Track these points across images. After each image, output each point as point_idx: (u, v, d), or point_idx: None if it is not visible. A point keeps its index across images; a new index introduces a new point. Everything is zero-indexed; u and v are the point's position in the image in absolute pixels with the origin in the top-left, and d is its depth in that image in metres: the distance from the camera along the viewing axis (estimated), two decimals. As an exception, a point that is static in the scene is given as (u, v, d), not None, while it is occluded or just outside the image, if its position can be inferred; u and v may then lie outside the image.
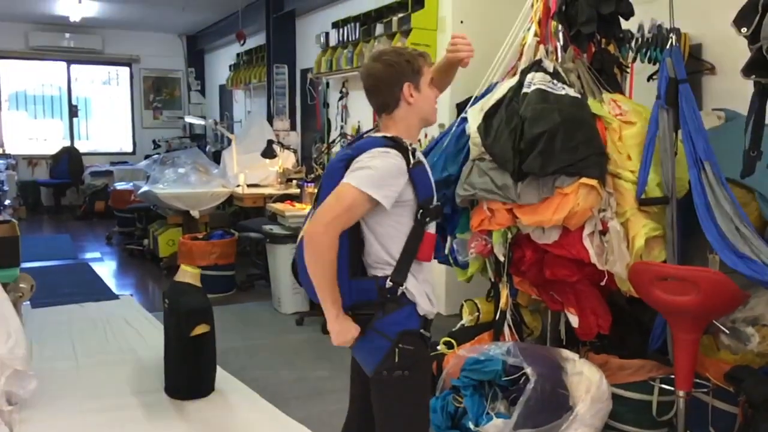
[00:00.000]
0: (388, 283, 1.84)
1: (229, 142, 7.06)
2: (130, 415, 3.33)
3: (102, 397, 3.51)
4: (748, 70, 2.20)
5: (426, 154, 3.03)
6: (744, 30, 2.17)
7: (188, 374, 3.47)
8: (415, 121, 1.96)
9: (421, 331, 1.91)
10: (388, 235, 1.86)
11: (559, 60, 2.98)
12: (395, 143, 1.85)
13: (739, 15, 2.19)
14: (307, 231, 1.77)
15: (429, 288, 1.96)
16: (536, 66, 2.87)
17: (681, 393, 2.57)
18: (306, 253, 1.77)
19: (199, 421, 3.31)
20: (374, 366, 1.88)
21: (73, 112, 11.04)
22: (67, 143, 10.85)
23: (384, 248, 1.86)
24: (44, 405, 3.34)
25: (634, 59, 3.53)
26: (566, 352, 2.89)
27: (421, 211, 1.87)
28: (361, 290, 1.85)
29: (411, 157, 1.85)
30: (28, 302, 4.51)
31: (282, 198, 5.95)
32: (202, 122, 8.43)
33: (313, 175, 6.19)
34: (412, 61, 1.92)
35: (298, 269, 1.93)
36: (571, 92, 2.77)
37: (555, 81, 2.79)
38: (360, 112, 6.26)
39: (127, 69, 11.25)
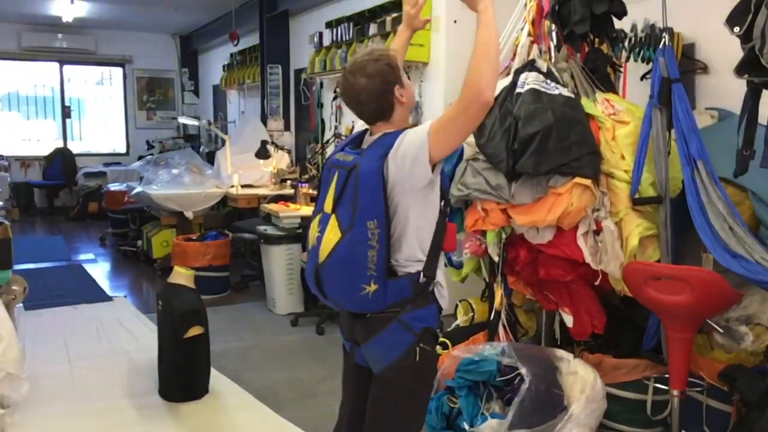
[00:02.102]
0: (422, 278, 1.87)
1: (223, 142, 7.04)
2: (124, 417, 3.31)
3: (95, 399, 3.50)
4: (740, 70, 2.20)
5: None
6: (736, 29, 2.17)
7: (182, 376, 3.46)
8: (406, 114, 1.99)
9: (437, 330, 1.94)
10: (424, 228, 1.87)
11: (553, 60, 2.98)
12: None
13: (731, 14, 2.19)
14: (486, 96, 1.75)
15: None
16: (530, 66, 2.87)
17: (675, 392, 2.58)
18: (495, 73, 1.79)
19: (193, 423, 3.30)
20: (391, 361, 1.87)
21: (66, 112, 10.99)
22: (60, 144, 10.81)
23: (419, 243, 1.87)
24: (37, 408, 3.33)
25: (628, 59, 3.54)
26: (561, 352, 2.89)
27: (443, 201, 1.91)
28: (398, 289, 1.85)
29: None
30: (21, 304, 4.48)
31: (276, 198, 5.93)
32: (195, 123, 8.40)
33: (307, 176, 6.18)
34: (390, 63, 1.92)
35: (322, 281, 1.89)
36: (565, 92, 2.77)
37: (548, 81, 2.79)
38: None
39: (120, 69, 11.21)
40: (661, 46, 2.74)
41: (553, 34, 3.02)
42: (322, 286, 1.90)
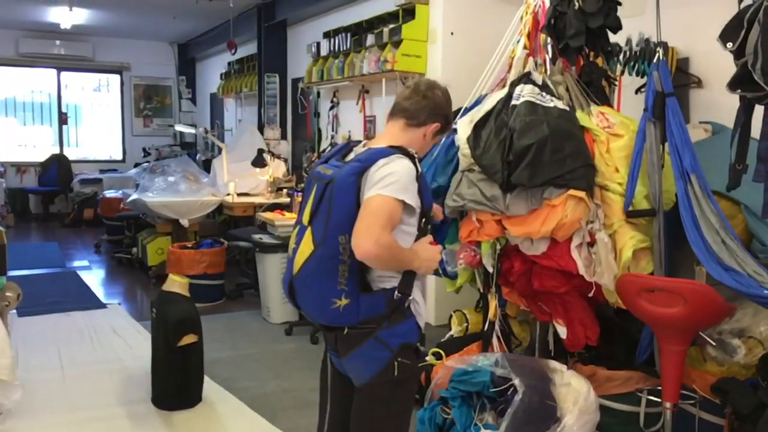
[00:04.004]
0: (397, 295, 1.86)
1: (220, 150, 7.05)
2: (117, 425, 3.30)
3: (88, 407, 3.49)
4: (733, 85, 2.23)
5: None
6: (730, 45, 2.19)
7: (175, 384, 3.45)
8: (413, 143, 2.00)
9: (418, 344, 1.93)
10: (403, 242, 1.86)
11: (548, 72, 3.00)
12: (403, 151, 1.87)
13: (725, 30, 2.22)
14: (363, 252, 1.72)
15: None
16: (525, 78, 2.89)
17: (668, 404, 2.58)
18: (374, 265, 1.79)
19: (185, 431, 3.29)
20: (369, 377, 1.88)
21: (62, 119, 10.99)
22: (57, 150, 10.80)
23: None
24: (29, 415, 3.31)
25: (622, 72, 3.57)
26: (554, 364, 2.89)
27: (423, 219, 1.91)
28: (371, 305, 1.84)
29: (417, 165, 1.87)
30: (15, 311, 4.47)
31: (272, 207, 5.94)
32: (192, 130, 8.42)
33: (303, 185, 6.18)
34: (452, 122, 2.12)
35: (296, 292, 1.89)
36: (560, 105, 2.79)
37: (544, 93, 2.81)
38: (350, 122, 6.28)
39: (117, 76, 11.22)
40: (655, 60, 2.76)
41: (549, 47, 3.05)
42: (295, 297, 1.90)
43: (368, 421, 1.93)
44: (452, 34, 4.93)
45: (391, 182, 1.77)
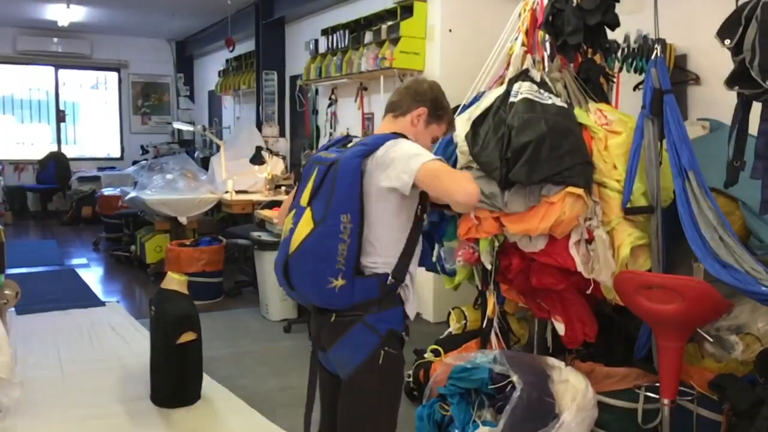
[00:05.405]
0: (390, 280, 1.87)
1: (218, 148, 7.05)
2: (116, 423, 3.31)
3: (87, 405, 3.49)
4: (731, 82, 2.23)
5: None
6: (727, 42, 2.20)
7: (174, 382, 3.45)
8: (412, 134, 2.03)
9: (403, 334, 1.95)
10: (397, 231, 1.88)
11: (546, 69, 3.00)
12: (405, 138, 1.93)
13: (722, 27, 2.22)
14: (470, 193, 1.79)
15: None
16: (523, 75, 2.89)
17: (666, 401, 2.59)
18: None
19: (184, 429, 3.30)
20: (356, 365, 1.88)
21: (60, 116, 10.99)
22: (55, 148, 10.79)
23: (391, 246, 1.88)
24: (28, 413, 3.32)
25: (620, 69, 3.57)
26: (552, 360, 2.90)
27: (420, 206, 1.93)
28: (365, 289, 1.86)
29: None
30: (13, 309, 4.47)
31: (270, 204, 5.93)
32: (190, 128, 8.40)
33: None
34: (444, 109, 2.09)
35: (290, 272, 1.88)
36: (558, 102, 2.78)
37: (542, 90, 2.80)
38: (348, 119, 6.28)
39: (115, 74, 11.21)
40: (653, 57, 2.76)
41: (547, 44, 3.04)
42: (290, 277, 1.89)
43: (355, 415, 1.93)
44: (450, 31, 4.93)
45: (416, 153, 1.85)
